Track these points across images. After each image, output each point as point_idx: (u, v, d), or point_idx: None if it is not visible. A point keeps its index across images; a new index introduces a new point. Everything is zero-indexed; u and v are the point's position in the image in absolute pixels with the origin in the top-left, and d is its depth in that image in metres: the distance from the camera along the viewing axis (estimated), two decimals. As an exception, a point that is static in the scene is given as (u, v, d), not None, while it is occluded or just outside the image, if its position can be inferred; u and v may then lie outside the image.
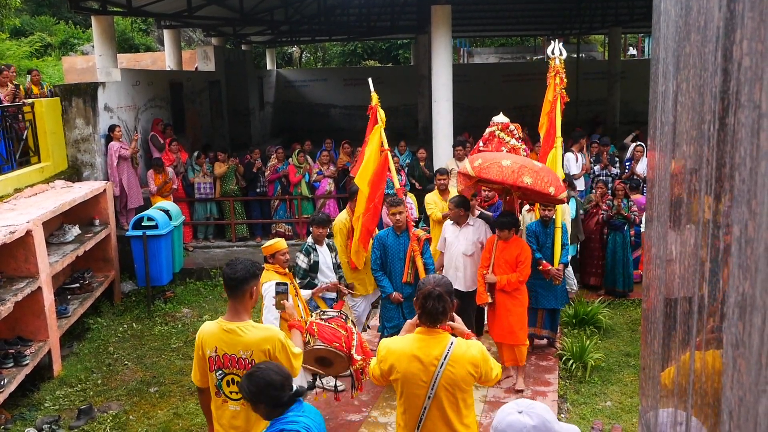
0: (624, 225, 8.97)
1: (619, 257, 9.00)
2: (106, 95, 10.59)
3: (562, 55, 7.73)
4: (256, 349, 3.66)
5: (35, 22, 25.35)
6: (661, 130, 1.60)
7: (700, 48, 1.14)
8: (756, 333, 0.75)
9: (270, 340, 3.68)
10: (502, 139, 7.59)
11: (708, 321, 1.06)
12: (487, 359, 3.43)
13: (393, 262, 6.35)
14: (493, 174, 6.32)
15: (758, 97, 0.76)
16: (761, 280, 0.74)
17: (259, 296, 5.59)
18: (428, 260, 6.36)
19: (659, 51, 1.62)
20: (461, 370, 3.33)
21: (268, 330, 3.76)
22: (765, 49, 0.73)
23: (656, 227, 1.71)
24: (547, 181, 6.28)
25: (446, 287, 3.43)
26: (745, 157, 0.82)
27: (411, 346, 3.39)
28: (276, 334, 3.72)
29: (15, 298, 6.62)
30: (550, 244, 7.04)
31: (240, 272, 3.72)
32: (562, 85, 7.53)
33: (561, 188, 6.51)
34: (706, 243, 1.08)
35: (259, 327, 3.78)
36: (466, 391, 3.41)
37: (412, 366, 3.36)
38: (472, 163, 6.62)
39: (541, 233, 7.12)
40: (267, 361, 3.47)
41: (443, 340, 3.37)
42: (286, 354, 3.71)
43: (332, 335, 5.44)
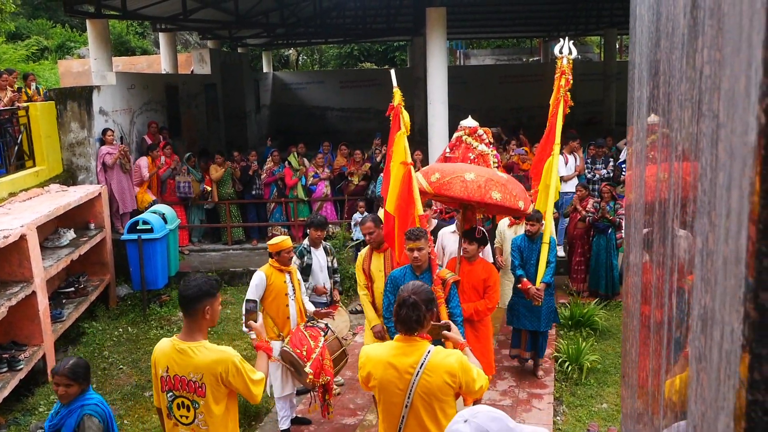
0: (609, 228, 8.89)
1: (603, 260, 8.94)
2: (101, 99, 10.57)
3: (571, 55, 7.19)
4: (207, 372, 3.50)
5: (32, 25, 25.34)
6: (637, 136, 1.59)
7: (668, 55, 1.13)
8: (715, 347, 0.74)
9: (222, 362, 3.49)
10: (470, 144, 7.09)
11: (677, 333, 1.05)
12: (467, 369, 3.28)
13: None
14: (456, 190, 5.62)
15: (716, 106, 0.75)
16: (720, 294, 0.73)
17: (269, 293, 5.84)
18: (455, 309, 5.10)
19: (635, 56, 1.61)
20: (437, 379, 3.23)
21: (221, 353, 3.54)
22: (723, 58, 0.72)
23: (633, 234, 1.70)
24: (516, 195, 5.75)
25: (423, 295, 3.32)
26: (706, 167, 0.80)
27: (387, 354, 3.33)
28: (230, 357, 3.51)
29: (9, 302, 6.60)
30: (535, 260, 6.51)
31: (191, 290, 3.52)
32: (567, 87, 7.05)
33: (529, 201, 6.06)
34: (674, 254, 1.07)
35: (212, 349, 3.57)
36: (444, 401, 3.28)
37: (388, 373, 3.29)
38: (428, 177, 5.80)
39: (526, 249, 6.66)
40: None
41: (420, 348, 3.29)
42: (242, 379, 3.53)
43: (299, 342, 5.52)
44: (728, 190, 0.69)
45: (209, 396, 3.56)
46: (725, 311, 0.69)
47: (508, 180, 5.94)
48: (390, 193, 5.69)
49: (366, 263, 5.95)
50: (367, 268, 5.96)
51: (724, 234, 0.71)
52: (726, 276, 0.70)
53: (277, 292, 5.83)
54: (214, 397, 3.56)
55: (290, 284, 5.87)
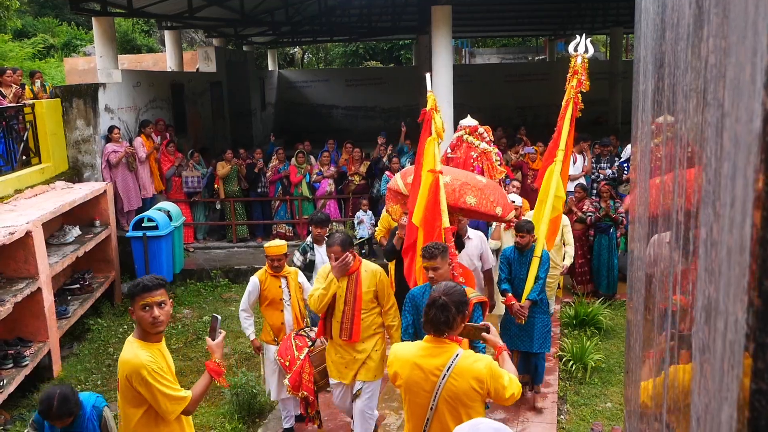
0: (610, 227, 8.86)
1: (604, 260, 8.90)
2: (106, 96, 10.60)
3: (587, 53, 6.69)
4: (121, 372, 3.43)
5: (38, 23, 25.41)
6: (642, 130, 1.58)
7: (673, 46, 1.12)
8: (719, 338, 0.73)
9: (131, 367, 3.36)
10: (471, 143, 6.93)
11: (680, 325, 1.04)
12: (497, 376, 3.18)
13: None
14: None
15: (721, 95, 0.74)
16: (724, 284, 0.72)
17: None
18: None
19: (640, 49, 1.60)
20: (464, 383, 3.16)
21: (134, 357, 3.38)
22: (728, 46, 0.72)
23: (638, 229, 1.69)
24: (493, 201, 5.48)
25: (455, 297, 3.22)
26: (711, 157, 0.80)
27: (414, 354, 3.28)
28: (137, 367, 3.35)
29: (14, 299, 6.62)
30: (525, 275, 5.92)
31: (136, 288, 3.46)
32: (578, 89, 6.54)
33: (509, 207, 5.72)
34: (678, 245, 1.06)
35: (130, 347, 3.44)
36: (470, 406, 3.20)
37: (414, 374, 3.25)
38: (404, 178, 5.70)
39: (515, 262, 6.09)
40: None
41: (449, 350, 3.22)
42: (150, 390, 3.37)
43: (284, 351, 5.49)
44: (733, 179, 0.69)
45: (120, 397, 3.50)
46: (729, 301, 0.69)
47: (486, 185, 5.67)
48: (418, 204, 5.21)
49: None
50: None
51: (728, 223, 0.70)
52: (730, 265, 0.69)
53: (272, 298, 5.76)
54: (126, 399, 3.46)
55: (286, 290, 5.77)
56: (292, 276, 5.85)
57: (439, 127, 5.28)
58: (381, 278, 5.15)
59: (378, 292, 5.15)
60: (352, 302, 5.07)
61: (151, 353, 3.45)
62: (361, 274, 5.09)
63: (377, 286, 5.13)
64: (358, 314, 5.10)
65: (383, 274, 5.19)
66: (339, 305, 5.10)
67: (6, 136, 8.77)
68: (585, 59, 6.68)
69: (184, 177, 11.03)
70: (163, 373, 3.42)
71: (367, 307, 5.13)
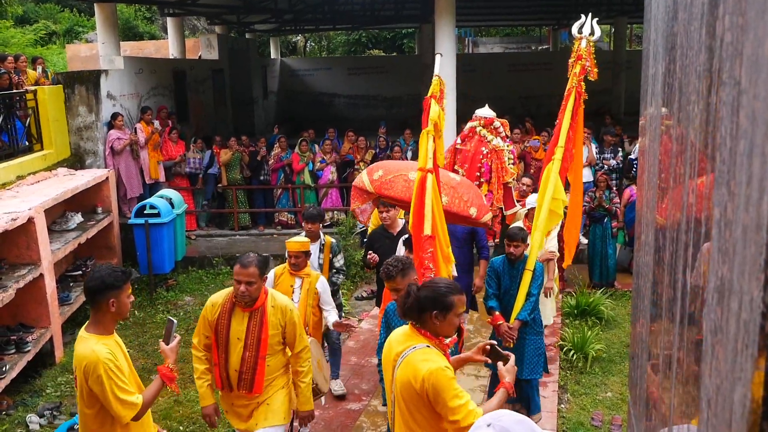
0: (605, 217, 8.86)
1: (598, 249, 8.90)
2: (108, 83, 10.57)
3: (593, 36, 5.86)
4: (79, 366, 3.31)
5: (40, 9, 25.31)
6: (651, 114, 1.57)
7: (686, 26, 1.11)
8: (733, 318, 0.73)
9: (88, 360, 3.25)
10: (484, 137, 6.48)
11: (690, 307, 1.04)
12: (442, 388, 2.86)
13: None
14: (398, 190, 4.92)
15: (738, 73, 0.73)
16: (738, 264, 0.72)
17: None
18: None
19: (650, 32, 1.59)
20: (405, 376, 2.96)
21: (91, 353, 3.26)
22: (745, 22, 0.71)
23: (645, 213, 1.68)
24: (467, 201, 4.96)
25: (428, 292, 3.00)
26: (726, 136, 0.79)
27: (394, 337, 3.21)
28: (95, 363, 3.23)
29: (17, 284, 6.63)
30: (515, 291, 5.17)
31: (93, 282, 3.33)
32: (582, 75, 5.72)
33: (484, 209, 5.22)
34: (689, 228, 1.06)
35: (86, 343, 3.33)
36: (415, 408, 2.97)
37: (386, 357, 3.20)
38: (370, 174, 5.18)
39: (505, 275, 5.33)
40: None
41: (413, 341, 3.05)
42: (103, 389, 3.25)
43: None
44: (749, 157, 0.68)
45: (78, 393, 3.40)
46: (744, 280, 0.68)
47: (459, 183, 5.14)
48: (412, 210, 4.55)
49: (222, 318, 4.15)
50: (219, 324, 4.14)
51: (744, 202, 0.69)
52: (745, 244, 0.68)
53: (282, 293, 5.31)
54: (82, 397, 3.37)
55: (298, 291, 5.29)
56: (311, 280, 5.33)
57: (435, 117, 4.56)
58: (291, 316, 4.20)
59: (286, 333, 4.21)
60: (255, 347, 4.08)
61: (110, 348, 3.35)
62: (268, 310, 4.11)
63: (286, 326, 4.19)
64: (262, 362, 4.12)
65: (294, 312, 4.27)
66: (235, 349, 4.10)
67: (8, 123, 8.75)
68: (591, 42, 5.85)
69: (188, 158, 11.07)
70: (120, 374, 3.31)
71: (273, 351, 4.19)
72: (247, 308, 4.07)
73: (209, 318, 4.17)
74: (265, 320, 4.09)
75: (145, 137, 10.58)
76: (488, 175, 6.90)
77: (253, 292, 4.01)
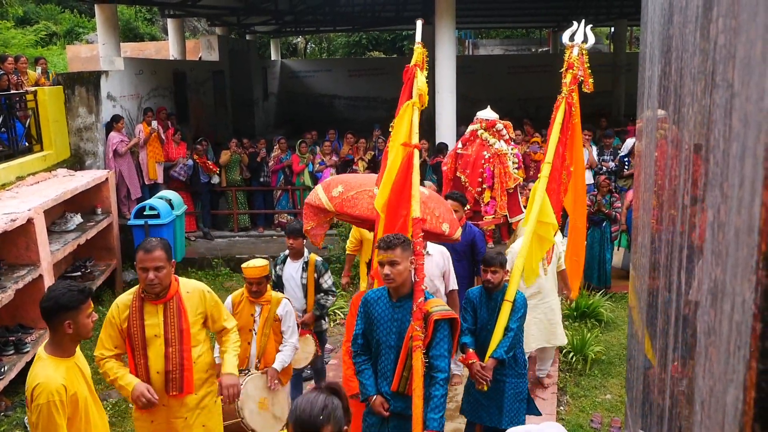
0: (603, 221, 8.83)
1: (596, 253, 8.86)
2: (109, 84, 10.58)
3: (586, 43, 5.45)
4: (29, 387, 3.14)
5: (40, 10, 25.33)
6: (647, 116, 1.57)
7: (681, 29, 1.11)
8: (726, 320, 0.73)
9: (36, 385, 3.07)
10: (485, 140, 6.26)
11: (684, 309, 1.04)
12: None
13: (383, 346, 3.72)
14: (362, 208, 4.44)
15: (731, 75, 0.73)
16: (731, 266, 0.72)
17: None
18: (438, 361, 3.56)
19: (647, 35, 1.59)
20: None
21: (44, 378, 3.09)
22: (738, 25, 0.71)
23: (642, 215, 1.68)
24: (439, 216, 4.47)
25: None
26: (719, 138, 0.79)
27: None
28: (40, 391, 3.06)
29: (16, 285, 6.63)
30: (493, 325, 4.48)
31: (46, 302, 3.15)
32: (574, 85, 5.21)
33: (455, 224, 4.74)
34: (684, 230, 1.06)
35: (43, 364, 3.15)
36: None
37: None
38: (328, 191, 4.62)
39: (482, 306, 4.60)
40: None
41: None
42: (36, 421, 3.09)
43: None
44: (741, 159, 0.68)
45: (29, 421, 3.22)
46: (736, 282, 0.68)
47: (429, 196, 4.64)
48: (383, 185, 4.12)
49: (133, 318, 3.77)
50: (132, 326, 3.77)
51: (736, 204, 0.69)
52: (738, 246, 0.69)
53: (241, 325, 4.69)
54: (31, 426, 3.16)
55: (258, 319, 4.77)
56: (270, 306, 4.82)
57: (422, 88, 4.22)
58: (211, 297, 3.93)
59: (209, 314, 3.92)
60: (177, 339, 3.73)
61: (66, 375, 3.19)
62: (183, 297, 3.79)
63: (206, 307, 3.89)
64: (188, 355, 3.76)
65: (212, 293, 3.96)
66: (155, 348, 3.73)
67: (8, 123, 8.75)
68: (583, 50, 5.43)
69: (178, 163, 11.01)
70: (59, 414, 3.09)
71: (197, 341, 3.84)
72: (160, 300, 3.70)
73: (117, 322, 3.74)
74: (182, 308, 3.73)
75: (144, 137, 10.60)
76: (491, 180, 6.62)
77: (163, 278, 3.64)
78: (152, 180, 10.82)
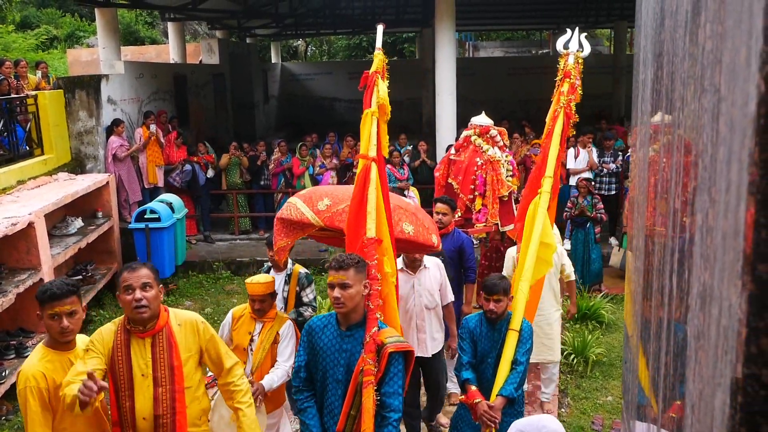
0: (587, 222, 8.82)
1: (580, 254, 8.86)
2: (109, 88, 10.60)
3: (582, 51, 5.21)
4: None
5: (41, 14, 25.40)
6: (641, 120, 1.58)
7: (672, 33, 1.12)
8: (714, 324, 0.73)
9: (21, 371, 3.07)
10: (479, 147, 6.14)
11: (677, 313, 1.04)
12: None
13: (329, 380, 3.30)
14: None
15: (718, 80, 0.74)
16: (719, 270, 0.72)
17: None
18: (391, 399, 3.16)
19: (640, 38, 1.60)
20: None
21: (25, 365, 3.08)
22: (724, 30, 0.71)
23: (636, 218, 1.69)
24: (428, 228, 4.20)
25: None
26: (707, 143, 0.80)
27: None
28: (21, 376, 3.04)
29: (17, 289, 6.64)
30: (495, 357, 4.02)
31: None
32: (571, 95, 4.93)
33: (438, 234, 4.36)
34: (675, 233, 1.06)
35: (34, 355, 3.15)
36: None
37: None
38: (312, 204, 4.18)
39: (483, 337, 4.11)
40: None
41: None
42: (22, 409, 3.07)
43: None
44: (728, 164, 0.68)
45: None
46: (723, 286, 0.69)
47: (417, 209, 4.43)
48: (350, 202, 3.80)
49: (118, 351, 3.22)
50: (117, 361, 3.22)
51: (723, 209, 0.70)
52: (725, 250, 0.69)
53: (237, 342, 4.50)
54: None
55: (257, 339, 4.48)
56: (274, 324, 4.51)
57: (383, 96, 3.92)
58: (206, 330, 3.42)
59: (208, 353, 3.41)
60: (168, 378, 3.21)
61: (54, 366, 3.13)
62: (174, 330, 3.28)
63: (201, 342, 3.37)
64: (181, 396, 3.24)
65: (207, 325, 3.45)
66: (142, 389, 3.19)
67: (9, 127, 8.77)
68: (579, 59, 5.18)
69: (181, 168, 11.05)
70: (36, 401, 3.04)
71: (192, 382, 3.32)
72: (147, 332, 3.19)
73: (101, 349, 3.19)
74: (173, 342, 3.23)
75: (143, 141, 10.62)
76: (482, 188, 6.48)
77: (152, 300, 3.14)
78: (152, 184, 10.83)
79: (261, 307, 4.43)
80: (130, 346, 3.19)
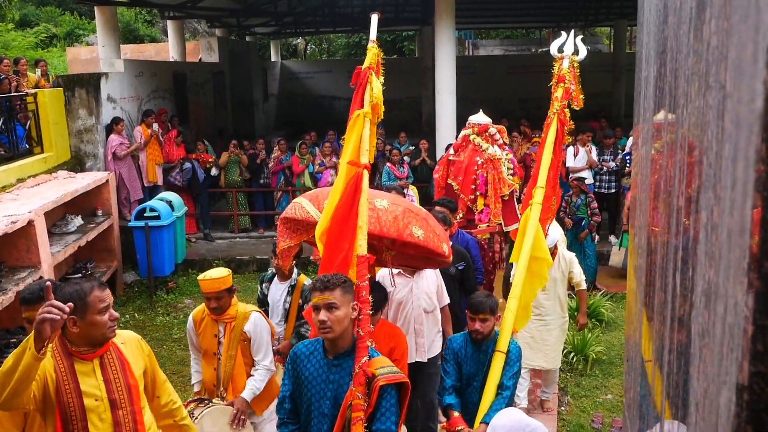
0: (581, 220, 8.80)
1: (575, 251, 8.85)
2: (109, 86, 10.59)
3: (577, 55, 4.98)
4: None
5: (41, 12, 25.37)
6: (644, 117, 1.57)
7: (676, 30, 1.11)
8: (719, 322, 0.73)
9: None
10: (478, 146, 6.07)
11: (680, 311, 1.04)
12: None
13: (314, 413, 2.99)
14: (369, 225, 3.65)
15: (723, 77, 0.73)
16: (724, 268, 0.72)
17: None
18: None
19: (643, 36, 1.59)
20: None
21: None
22: (730, 26, 0.71)
23: (638, 216, 1.69)
24: (439, 235, 3.92)
25: None
26: (712, 140, 0.79)
27: None
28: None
29: (17, 287, 6.63)
30: (481, 380, 3.80)
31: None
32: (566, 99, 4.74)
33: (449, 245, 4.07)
34: (678, 231, 1.06)
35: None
36: None
37: None
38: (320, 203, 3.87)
39: (468, 360, 3.90)
40: None
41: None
42: None
43: None
44: (734, 161, 0.68)
45: None
46: (729, 284, 0.68)
47: (428, 214, 4.15)
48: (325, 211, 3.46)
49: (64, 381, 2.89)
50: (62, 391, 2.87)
51: (729, 206, 0.69)
52: (730, 248, 0.69)
53: (205, 348, 4.21)
54: None
55: (222, 341, 4.16)
56: (236, 322, 4.18)
57: (377, 95, 3.70)
58: (145, 348, 3.22)
59: (149, 373, 3.20)
60: (127, 399, 2.98)
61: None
62: (120, 347, 3.04)
63: (144, 359, 3.17)
64: (140, 417, 3.02)
65: (142, 340, 3.24)
66: (99, 415, 2.91)
67: (9, 125, 8.77)
68: (574, 62, 4.96)
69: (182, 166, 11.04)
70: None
71: (144, 403, 3.12)
72: (96, 353, 2.93)
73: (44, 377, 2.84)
74: (124, 360, 3.00)
75: (144, 140, 10.62)
76: (484, 187, 6.41)
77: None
78: (151, 182, 10.83)
79: (217, 305, 4.09)
80: (75, 372, 2.89)
